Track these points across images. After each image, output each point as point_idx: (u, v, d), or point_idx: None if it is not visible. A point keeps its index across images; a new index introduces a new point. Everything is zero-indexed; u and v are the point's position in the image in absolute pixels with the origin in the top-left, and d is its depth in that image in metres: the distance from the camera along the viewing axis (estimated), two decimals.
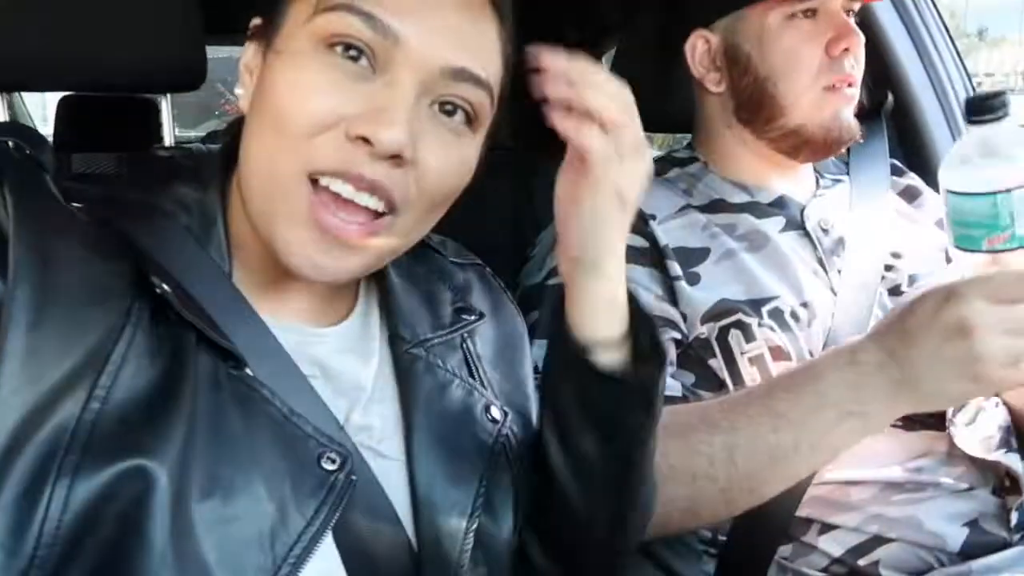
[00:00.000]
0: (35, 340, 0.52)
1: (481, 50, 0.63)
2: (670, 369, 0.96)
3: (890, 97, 1.33)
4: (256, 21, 0.67)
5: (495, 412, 0.72)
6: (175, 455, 0.54)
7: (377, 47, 0.59)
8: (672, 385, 0.94)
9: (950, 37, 1.35)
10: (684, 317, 0.97)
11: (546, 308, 0.88)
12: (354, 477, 0.60)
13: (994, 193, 0.76)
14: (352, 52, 0.59)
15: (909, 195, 1.16)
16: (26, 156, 0.62)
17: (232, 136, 0.67)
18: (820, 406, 0.81)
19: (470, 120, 0.63)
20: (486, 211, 1.70)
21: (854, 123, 1.03)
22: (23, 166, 0.60)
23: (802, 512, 0.91)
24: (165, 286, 0.58)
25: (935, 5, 1.35)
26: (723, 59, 1.06)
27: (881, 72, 1.32)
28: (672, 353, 0.96)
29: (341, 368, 0.67)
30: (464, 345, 0.75)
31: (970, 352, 0.73)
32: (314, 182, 0.59)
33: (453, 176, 0.63)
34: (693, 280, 0.98)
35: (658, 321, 0.94)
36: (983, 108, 0.78)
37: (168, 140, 1.02)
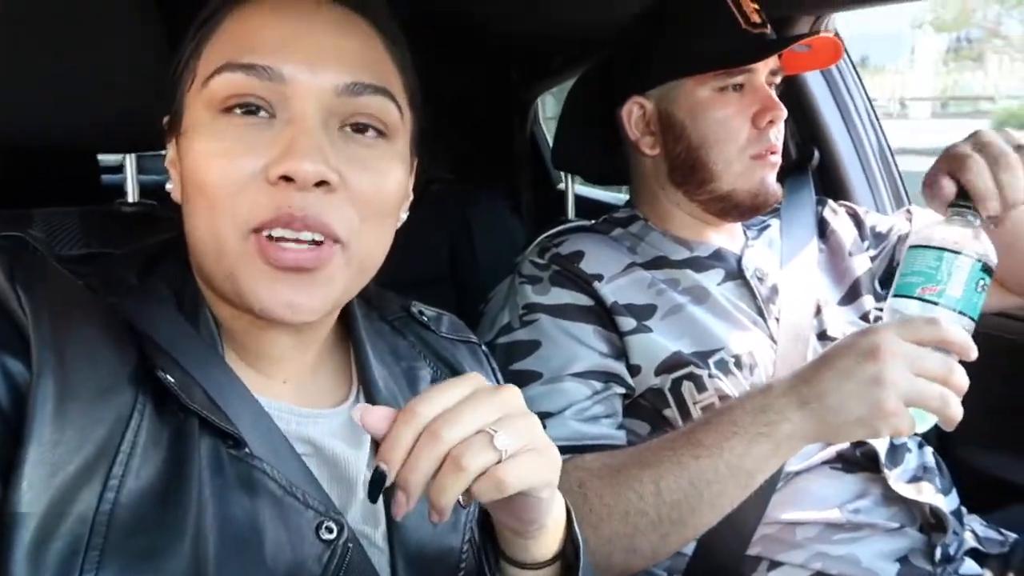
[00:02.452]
0: (55, 433, 0.53)
1: (369, 62, 0.64)
2: (618, 420, 1.00)
3: (816, 153, 1.44)
4: (165, 119, 0.69)
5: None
6: (187, 552, 0.55)
7: (267, 93, 0.60)
8: (618, 436, 0.99)
9: (870, 102, 1.47)
10: (636, 369, 1.01)
11: (498, 366, 0.90)
12: (351, 545, 0.62)
13: (944, 249, 0.83)
14: (248, 108, 0.60)
15: (821, 228, 1.24)
16: (28, 247, 0.62)
17: (173, 237, 0.68)
18: (732, 432, 0.85)
19: (382, 132, 0.64)
20: (423, 243, 1.72)
21: (777, 187, 1.10)
22: (30, 261, 0.60)
23: (752, 551, 0.97)
24: (170, 377, 0.59)
25: (857, 73, 1.46)
26: (657, 125, 1.11)
27: (809, 131, 1.42)
28: (619, 407, 1.01)
29: (333, 451, 0.68)
30: None
31: (877, 374, 0.78)
32: (257, 232, 0.60)
33: (385, 190, 0.64)
34: (645, 332, 1.02)
35: (603, 377, 1.00)
36: (962, 204, 0.86)
37: (132, 195, 0.99)
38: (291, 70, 0.60)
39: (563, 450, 0.90)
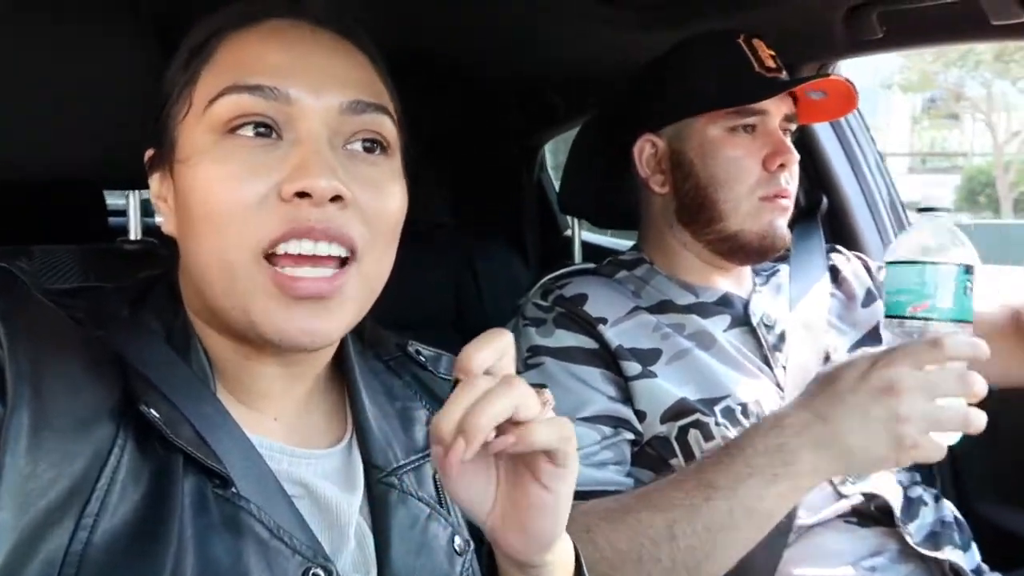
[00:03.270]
0: (28, 465, 0.51)
1: (366, 81, 0.65)
2: (626, 466, 0.97)
3: (824, 200, 1.43)
4: (149, 153, 0.68)
5: (458, 543, 0.71)
6: None
7: (274, 113, 0.60)
8: (626, 482, 0.96)
9: (878, 151, 1.47)
10: (642, 415, 0.99)
11: None
12: None
13: (923, 263, 0.82)
14: (255, 128, 0.60)
15: (833, 274, 1.23)
16: (12, 277, 0.61)
17: (165, 271, 0.68)
18: (748, 473, 0.82)
19: (383, 148, 0.65)
20: (428, 287, 1.71)
21: (787, 232, 1.08)
22: (12, 291, 0.59)
23: None
24: (155, 411, 0.57)
25: (865, 124, 1.46)
26: (668, 162, 1.11)
27: (817, 178, 1.41)
28: (627, 453, 0.98)
29: (325, 494, 0.66)
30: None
31: (896, 411, 0.77)
32: (270, 259, 0.59)
33: (390, 207, 0.64)
34: (650, 378, 1.00)
35: (612, 422, 0.97)
36: (930, 208, 0.87)
37: (135, 233, 0.99)
38: (296, 92, 0.60)
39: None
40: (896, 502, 0.98)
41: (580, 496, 0.88)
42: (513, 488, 0.57)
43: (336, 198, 0.59)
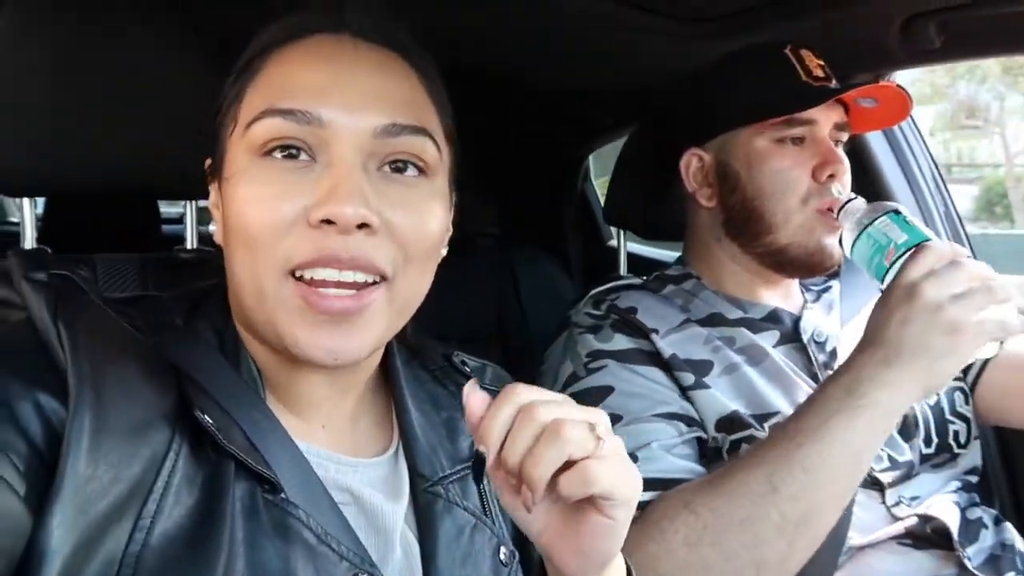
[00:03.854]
0: (89, 467, 0.52)
1: (406, 102, 0.64)
2: (700, 462, 0.96)
3: None
4: (208, 162, 0.69)
5: (503, 554, 0.71)
6: None
7: (307, 136, 0.60)
8: (704, 472, 0.94)
9: (934, 162, 1.43)
10: (701, 424, 0.97)
11: None
12: None
13: (862, 231, 0.92)
14: (288, 151, 0.61)
15: None
16: (74, 285, 0.63)
17: (219, 282, 0.69)
18: (831, 412, 0.83)
19: (422, 170, 0.64)
20: (471, 299, 1.71)
21: (837, 250, 1.05)
22: (74, 298, 0.61)
23: None
24: (208, 417, 0.58)
25: (920, 134, 1.43)
26: (715, 176, 1.09)
27: (871, 191, 1.38)
28: (696, 451, 0.97)
29: (371, 502, 0.66)
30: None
31: (930, 302, 0.81)
32: (298, 278, 0.60)
33: (427, 229, 0.63)
34: (704, 388, 0.99)
35: (686, 420, 0.96)
36: (843, 204, 0.98)
37: (191, 242, 1.02)
38: (330, 114, 0.60)
39: (656, 483, 0.90)
40: (954, 524, 0.95)
41: (659, 484, 0.89)
42: (572, 511, 0.57)
43: (363, 225, 0.59)
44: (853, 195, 0.98)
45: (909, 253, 0.86)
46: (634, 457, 0.91)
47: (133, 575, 0.52)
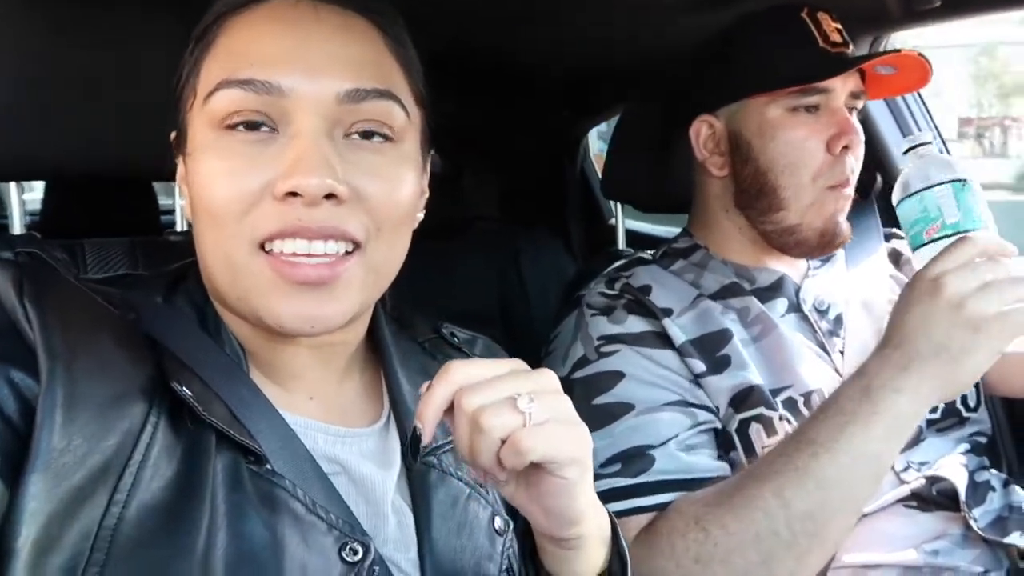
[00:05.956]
0: (62, 440, 0.51)
1: (369, 63, 0.62)
2: (715, 452, 0.94)
3: (878, 179, 1.38)
4: (172, 135, 0.68)
5: (499, 523, 0.70)
6: (195, 569, 0.52)
7: (268, 108, 0.59)
8: (723, 468, 0.93)
9: (934, 123, 1.41)
10: (715, 410, 0.96)
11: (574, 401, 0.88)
12: (376, 568, 0.59)
13: (918, 192, 0.87)
14: (249, 125, 0.59)
15: (894, 258, 1.18)
16: (43, 264, 0.62)
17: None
18: (845, 422, 0.80)
19: (389, 137, 0.62)
20: (472, 279, 1.70)
21: (848, 227, 1.04)
22: (41, 276, 0.60)
23: None
24: (187, 390, 0.57)
25: (922, 99, 1.40)
26: (726, 145, 1.06)
27: (870, 155, 1.36)
28: (712, 441, 0.95)
29: (361, 472, 0.65)
30: None
31: (954, 297, 0.78)
32: (268, 251, 0.59)
33: (398, 196, 0.62)
34: (719, 367, 0.96)
35: (699, 406, 0.94)
36: (915, 145, 0.92)
37: (181, 224, 1.01)
38: (290, 82, 0.58)
39: (672, 484, 0.88)
40: (961, 485, 0.93)
41: (677, 485, 0.88)
42: (530, 475, 0.57)
43: (330, 196, 0.57)
44: (929, 139, 0.91)
45: (949, 239, 0.83)
46: (649, 455, 0.90)
47: (109, 547, 0.51)
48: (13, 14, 0.84)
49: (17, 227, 0.96)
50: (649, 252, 1.17)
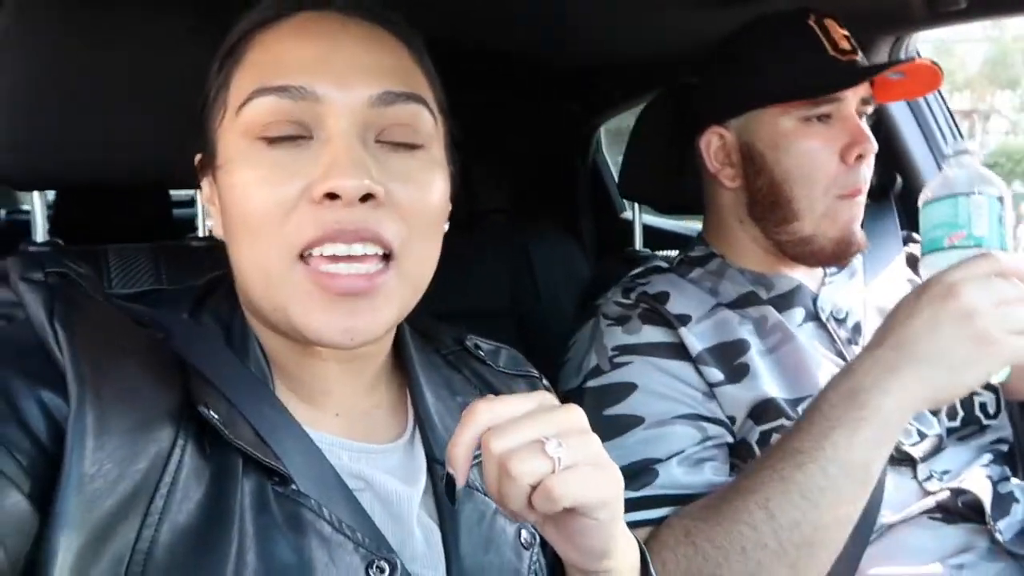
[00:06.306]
0: (93, 466, 0.51)
1: (397, 70, 0.63)
2: (724, 468, 0.93)
3: (898, 179, 1.36)
4: (198, 157, 0.68)
5: (525, 536, 0.70)
6: None
7: (302, 114, 0.59)
8: (722, 483, 0.91)
9: (955, 123, 1.39)
10: (732, 420, 0.95)
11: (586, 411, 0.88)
12: None
13: (955, 195, 0.83)
14: (285, 131, 0.59)
15: (912, 262, 1.17)
16: (72, 283, 0.61)
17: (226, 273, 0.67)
18: (830, 427, 0.79)
19: (420, 141, 0.63)
20: (483, 275, 1.70)
21: (863, 235, 1.02)
22: (71, 297, 0.59)
23: None
24: (214, 413, 0.57)
25: (942, 96, 1.39)
26: (738, 156, 1.05)
27: (890, 156, 1.35)
28: (726, 454, 0.95)
29: (387, 488, 0.65)
30: None
31: (965, 308, 0.76)
32: (306, 258, 0.59)
33: (429, 200, 0.63)
34: (737, 376, 0.95)
35: (710, 420, 0.93)
36: (961, 151, 0.87)
37: (202, 230, 1.01)
38: (323, 88, 0.59)
39: (671, 499, 0.88)
40: (986, 498, 0.93)
41: (675, 501, 0.88)
42: (559, 514, 0.55)
43: (367, 196, 0.58)
44: (974, 150, 0.88)
45: (970, 250, 0.80)
46: (654, 470, 0.89)
47: (143, 572, 0.51)
48: (27, 26, 0.83)
49: (40, 234, 0.95)
50: (665, 261, 1.16)
